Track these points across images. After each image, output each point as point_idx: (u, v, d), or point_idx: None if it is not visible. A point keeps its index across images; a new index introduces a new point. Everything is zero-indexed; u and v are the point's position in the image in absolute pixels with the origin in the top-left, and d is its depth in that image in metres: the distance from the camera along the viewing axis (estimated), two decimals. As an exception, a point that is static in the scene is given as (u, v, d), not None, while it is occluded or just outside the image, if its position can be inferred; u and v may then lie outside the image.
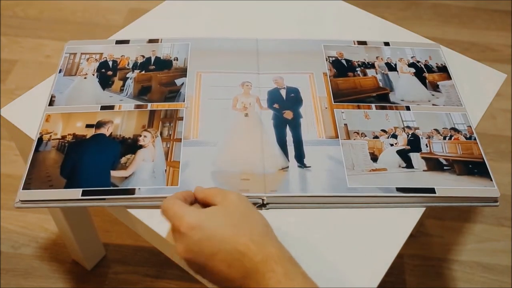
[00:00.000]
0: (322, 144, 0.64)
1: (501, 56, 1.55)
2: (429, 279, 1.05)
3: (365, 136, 0.65)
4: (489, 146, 1.29)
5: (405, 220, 0.59)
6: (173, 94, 0.68)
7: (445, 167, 0.62)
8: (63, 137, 0.63)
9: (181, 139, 0.63)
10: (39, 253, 1.06)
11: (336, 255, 0.55)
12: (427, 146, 0.64)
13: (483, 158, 0.63)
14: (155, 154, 0.61)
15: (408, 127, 0.66)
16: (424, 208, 0.60)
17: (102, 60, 0.73)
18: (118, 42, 0.76)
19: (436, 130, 0.66)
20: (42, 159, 0.61)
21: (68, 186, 0.58)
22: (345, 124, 0.66)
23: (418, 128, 0.66)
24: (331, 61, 0.74)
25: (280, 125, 0.65)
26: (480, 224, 1.14)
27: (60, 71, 0.71)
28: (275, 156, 0.62)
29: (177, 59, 0.73)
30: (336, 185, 0.59)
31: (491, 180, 0.60)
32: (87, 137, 0.63)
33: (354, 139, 0.64)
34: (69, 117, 0.65)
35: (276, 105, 0.68)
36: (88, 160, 0.60)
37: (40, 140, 0.63)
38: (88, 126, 0.64)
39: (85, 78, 0.71)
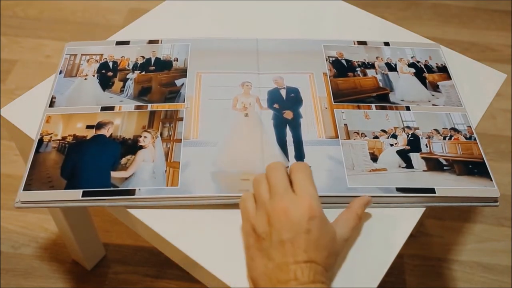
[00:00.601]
0: (322, 144, 0.64)
1: (501, 56, 1.55)
2: (429, 279, 1.05)
3: (365, 136, 0.65)
4: (489, 146, 1.29)
5: (405, 220, 0.59)
6: (173, 94, 0.68)
7: (445, 167, 0.62)
8: (64, 138, 0.63)
9: (181, 139, 0.63)
10: (39, 253, 1.06)
11: (336, 256, 0.55)
12: (427, 146, 0.64)
13: (483, 158, 0.63)
14: (155, 154, 0.61)
15: (408, 127, 0.66)
16: (424, 208, 0.60)
17: (103, 61, 0.73)
18: (118, 43, 0.76)
19: (436, 130, 0.66)
20: (42, 160, 0.61)
21: (68, 187, 0.58)
22: (345, 124, 0.66)
23: (418, 128, 0.66)
24: (331, 61, 0.74)
25: (280, 125, 0.65)
26: (480, 224, 1.14)
27: (60, 72, 0.71)
28: (275, 156, 0.62)
29: (177, 60, 0.73)
30: (336, 185, 0.59)
31: (491, 180, 0.60)
32: (88, 138, 0.63)
33: (354, 139, 0.64)
34: (69, 118, 0.65)
35: (276, 105, 0.68)
36: (89, 161, 0.60)
37: (40, 141, 0.63)
38: (88, 127, 0.64)
39: (85, 79, 0.71)
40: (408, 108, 0.69)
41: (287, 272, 0.46)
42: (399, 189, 0.59)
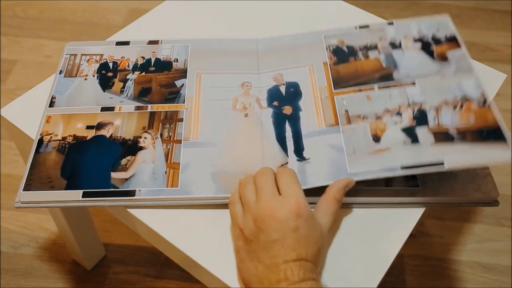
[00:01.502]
0: (322, 134, 0.62)
1: (501, 56, 1.55)
2: (429, 279, 1.05)
3: (367, 118, 0.62)
4: (489, 146, 1.29)
5: (405, 220, 0.59)
6: (173, 95, 0.68)
7: (455, 138, 0.57)
8: (64, 138, 0.63)
9: (181, 140, 0.63)
10: (39, 253, 1.06)
11: (336, 255, 0.55)
12: (434, 120, 0.59)
13: (497, 124, 0.57)
14: (155, 155, 0.61)
15: (414, 102, 0.62)
16: (424, 208, 0.60)
17: (103, 61, 0.73)
18: (118, 43, 0.76)
19: (445, 101, 0.61)
20: (42, 160, 0.61)
21: (68, 187, 0.58)
22: (346, 110, 0.63)
23: (424, 102, 0.62)
24: (331, 50, 0.71)
25: (279, 122, 0.65)
26: (480, 224, 1.14)
27: (60, 72, 0.71)
28: (275, 154, 0.61)
29: (177, 61, 0.73)
30: (336, 173, 0.58)
31: (506, 142, 0.55)
32: (88, 138, 0.63)
33: (356, 124, 0.62)
34: (69, 118, 0.65)
35: (275, 103, 0.67)
36: (89, 161, 0.60)
37: (40, 141, 0.63)
38: (88, 127, 0.64)
39: (85, 79, 0.71)
40: (414, 83, 0.64)
41: (277, 273, 0.47)
42: (404, 167, 0.56)
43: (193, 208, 0.58)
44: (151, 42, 0.76)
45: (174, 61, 0.73)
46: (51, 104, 0.67)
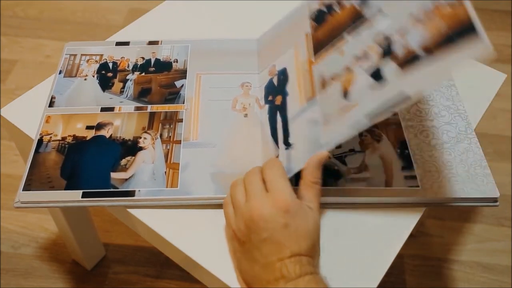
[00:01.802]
0: (303, 112, 0.59)
1: (501, 56, 1.55)
2: (429, 279, 1.05)
3: (339, 76, 0.56)
4: (489, 146, 1.29)
5: (405, 220, 0.59)
6: (173, 96, 0.68)
7: (421, 57, 0.47)
8: (63, 139, 0.63)
9: (180, 140, 0.63)
10: (39, 253, 1.06)
11: (336, 255, 0.55)
12: (401, 46, 0.50)
13: (469, 19, 0.45)
14: (155, 156, 0.61)
15: (382, 33, 0.53)
16: (424, 208, 0.60)
17: (102, 62, 0.73)
18: (118, 43, 0.76)
19: (412, 16, 0.50)
20: (42, 160, 0.61)
21: (68, 187, 0.58)
22: (322, 77, 0.58)
23: (391, 29, 0.52)
24: (313, 17, 0.65)
25: (272, 115, 0.64)
26: (480, 224, 1.14)
27: (60, 72, 0.71)
28: (269, 149, 0.61)
29: (177, 61, 0.73)
30: (312, 150, 0.55)
31: (476, 34, 0.44)
32: (87, 138, 0.63)
33: (330, 87, 0.56)
34: (69, 118, 0.65)
35: (270, 97, 0.66)
36: (88, 162, 0.61)
37: (40, 141, 0.63)
38: (88, 127, 0.64)
39: (85, 79, 0.71)
40: (381, 12, 0.54)
41: (273, 272, 0.47)
42: (368, 116, 0.50)
43: (193, 208, 0.58)
44: (151, 43, 0.76)
45: (174, 62, 0.73)
46: (51, 104, 0.67)
